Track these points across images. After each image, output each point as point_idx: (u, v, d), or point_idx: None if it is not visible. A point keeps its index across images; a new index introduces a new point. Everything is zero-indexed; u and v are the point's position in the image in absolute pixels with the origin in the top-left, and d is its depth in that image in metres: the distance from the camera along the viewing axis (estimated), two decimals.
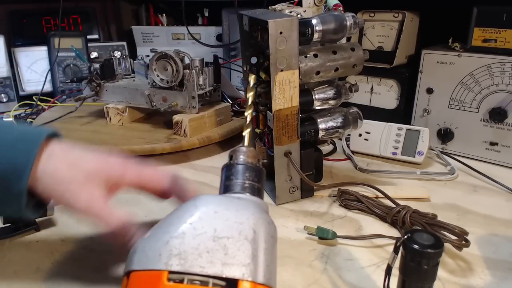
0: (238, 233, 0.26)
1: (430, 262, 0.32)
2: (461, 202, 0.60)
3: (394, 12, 0.78)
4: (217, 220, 0.26)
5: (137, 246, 0.26)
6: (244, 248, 0.26)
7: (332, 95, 0.59)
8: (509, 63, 0.66)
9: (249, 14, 0.57)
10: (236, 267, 0.25)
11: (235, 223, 0.27)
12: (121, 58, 0.90)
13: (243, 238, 0.26)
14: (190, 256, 0.24)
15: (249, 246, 0.26)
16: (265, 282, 0.25)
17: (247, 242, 0.26)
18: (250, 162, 0.33)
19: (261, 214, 0.28)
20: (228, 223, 0.26)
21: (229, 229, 0.26)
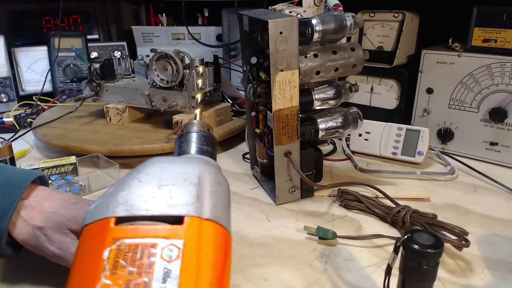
0: (183, 180, 0.27)
1: (430, 262, 0.32)
2: (461, 202, 0.60)
3: (394, 12, 0.78)
4: (162, 173, 0.27)
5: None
6: (189, 191, 0.26)
7: (332, 95, 0.59)
8: (509, 63, 0.66)
9: (249, 14, 0.57)
10: (181, 206, 0.25)
11: (180, 173, 0.27)
12: (121, 58, 0.90)
13: (188, 183, 0.26)
14: (136, 202, 0.25)
15: (194, 188, 0.26)
16: (212, 218, 0.25)
17: (192, 186, 0.26)
18: (199, 130, 0.34)
19: (208, 166, 0.29)
20: (173, 174, 0.27)
21: (174, 178, 0.26)
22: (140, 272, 0.22)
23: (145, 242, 0.23)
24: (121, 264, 0.22)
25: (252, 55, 0.58)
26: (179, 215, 0.24)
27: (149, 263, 0.22)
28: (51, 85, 1.12)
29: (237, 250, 0.49)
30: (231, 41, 1.15)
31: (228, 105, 0.85)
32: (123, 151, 0.72)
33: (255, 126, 0.64)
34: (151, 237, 0.23)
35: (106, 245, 0.23)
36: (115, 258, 0.22)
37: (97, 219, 0.25)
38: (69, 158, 0.67)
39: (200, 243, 0.24)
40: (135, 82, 0.87)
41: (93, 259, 0.23)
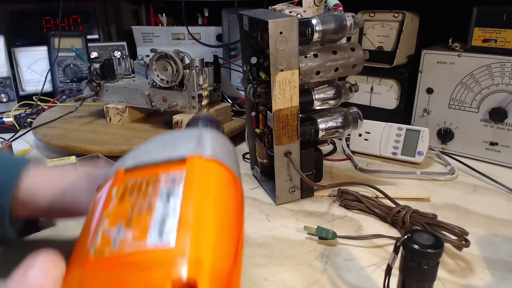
0: (187, 136, 0.28)
1: (430, 262, 0.32)
2: (461, 202, 0.60)
3: (394, 12, 0.78)
4: (167, 136, 0.28)
5: None
6: (190, 140, 0.27)
7: (332, 95, 0.59)
8: (509, 63, 0.66)
9: (249, 14, 0.57)
10: (183, 150, 0.26)
11: (183, 134, 0.28)
12: (121, 58, 0.90)
13: (189, 137, 0.27)
14: (142, 155, 0.26)
15: (195, 139, 0.27)
16: (215, 157, 0.26)
17: (194, 137, 0.27)
18: (205, 115, 0.36)
19: (211, 129, 0.30)
20: (177, 134, 0.28)
21: (177, 137, 0.28)
22: (145, 196, 0.22)
23: (149, 178, 0.24)
24: (128, 195, 0.23)
25: (252, 55, 0.58)
26: (181, 157, 0.25)
27: (154, 190, 0.23)
28: (51, 85, 1.12)
29: None
30: (231, 41, 1.15)
31: (228, 105, 0.85)
32: (123, 151, 0.72)
33: (255, 126, 0.64)
34: (155, 175, 0.24)
35: (115, 186, 0.24)
36: (122, 192, 0.23)
37: (108, 176, 0.26)
38: (69, 158, 0.67)
39: (203, 174, 0.24)
40: (135, 82, 0.87)
41: (105, 198, 0.24)
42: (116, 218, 0.21)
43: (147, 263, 0.19)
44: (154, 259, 0.19)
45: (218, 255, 0.20)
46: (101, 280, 0.19)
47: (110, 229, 0.21)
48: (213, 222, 0.22)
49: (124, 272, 0.19)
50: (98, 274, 0.19)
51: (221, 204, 0.24)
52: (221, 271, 0.20)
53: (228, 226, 0.23)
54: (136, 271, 0.18)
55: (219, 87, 0.85)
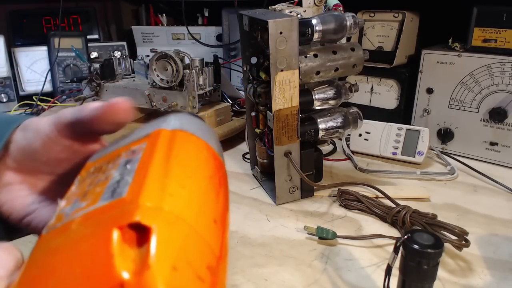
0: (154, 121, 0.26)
1: (430, 262, 0.32)
2: (461, 202, 0.60)
3: (394, 12, 0.78)
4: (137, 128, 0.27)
5: None
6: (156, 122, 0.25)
7: (332, 95, 0.59)
8: (509, 63, 0.66)
9: (249, 14, 0.57)
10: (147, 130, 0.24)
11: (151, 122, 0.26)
12: (121, 58, 0.90)
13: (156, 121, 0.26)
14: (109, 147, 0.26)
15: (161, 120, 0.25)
16: (179, 128, 0.24)
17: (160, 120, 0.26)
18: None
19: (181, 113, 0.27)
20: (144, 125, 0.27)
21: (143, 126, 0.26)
22: (104, 172, 0.21)
23: (111, 158, 0.23)
24: (88, 177, 0.22)
25: (252, 55, 0.58)
26: (145, 134, 0.23)
27: (113, 165, 0.21)
28: (51, 85, 1.12)
29: (237, 250, 0.49)
30: (231, 41, 1.15)
31: (228, 105, 0.85)
32: None
33: (255, 126, 0.64)
34: (117, 155, 0.23)
35: (78, 175, 0.23)
36: (84, 177, 0.22)
37: None
38: None
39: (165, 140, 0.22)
40: (135, 82, 0.87)
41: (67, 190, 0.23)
42: (72, 198, 0.20)
43: (94, 219, 0.17)
44: (102, 214, 0.17)
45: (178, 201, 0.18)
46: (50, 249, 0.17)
47: (65, 208, 0.19)
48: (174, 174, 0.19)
49: (73, 233, 0.17)
50: (47, 245, 0.17)
51: (182, 160, 0.21)
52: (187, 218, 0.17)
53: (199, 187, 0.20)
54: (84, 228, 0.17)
55: (219, 87, 0.85)
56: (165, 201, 0.17)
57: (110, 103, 0.27)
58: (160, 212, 0.16)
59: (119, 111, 0.27)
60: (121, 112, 0.27)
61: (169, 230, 0.16)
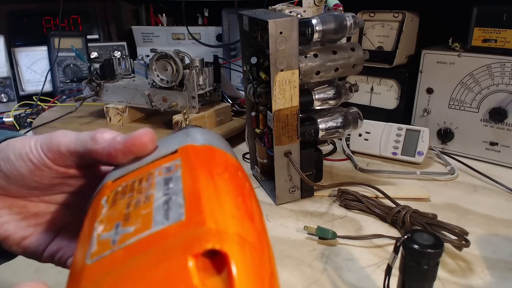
0: (174, 136, 0.25)
1: (430, 262, 0.32)
2: (461, 202, 0.60)
3: (394, 12, 0.78)
4: None
5: None
6: (179, 137, 0.25)
7: (332, 95, 0.59)
8: (509, 63, 0.66)
9: (249, 14, 0.57)
10: (173, 146, 0.23)
11: (170, 137, 0.26)
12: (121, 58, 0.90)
13: (176, 136, 0.25)
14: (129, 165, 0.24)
15: (183, 135, 0.25)
16: (207, 143, 0.23)
17: (182, 134, 0.25)
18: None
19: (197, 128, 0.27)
20: (163, 139, 0.26)
21: (164, 140, 0.25)
22: (140, 191, 0.19)
23: (142, 176, 0.21)
24: (120, 197, 0.20)
25: (252, 55, 0.58)
26: (172, 150, 0.23)
27: (148, 183, 0.20)
28: (51, 85, 1.12)
29: None
30: (231, 41, 1.15)
31: (228, 105, 0.85)
32: None
33: (255, 126, 0.64)
34: (147, 172, 0.21)
35: (103, 196, 0.21)
36: (113, 197, 0.20)
37: (95, 194, 0.23)
38: None
39: (199, 156, 0.21)
40: (135, 82, 0.87)
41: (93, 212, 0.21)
42: (111, 221, 0.18)
43: (158, 246, 0.15)
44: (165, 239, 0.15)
45: (240, 223, 0.17)
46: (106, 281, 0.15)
47: (106, 233, 0.18)
48: (225, 192, 0.19)
49: (133, 263, 0.15)
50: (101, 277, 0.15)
51: (227, 177, 0.21)
52: (248, 239, 0.17)
53: (241, 196, 0.20)
54: (147, 257, 0.15)
55: (219, 87, 0.85)
56: (229, 223, 0.16)
57: (134, 137, 0.24)
58: (228, 235, 0.16)
59: (144, 146, 0.24)
60: (145, 145, 0.24)
61: (242, 254, 0.15)
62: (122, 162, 0.25)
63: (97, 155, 0.25)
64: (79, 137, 0.26)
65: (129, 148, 0.24)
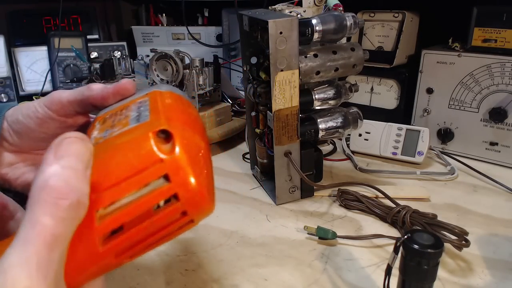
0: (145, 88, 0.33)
1: (430, 262, 0.32)
2: (461, 202, 0.60)
3: (394, 12, 0.78)
4: None
5: None
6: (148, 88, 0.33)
7: (332, 95, 0.59)
8: (509, 63, 0.66)
9: (249, 14, 0.57)
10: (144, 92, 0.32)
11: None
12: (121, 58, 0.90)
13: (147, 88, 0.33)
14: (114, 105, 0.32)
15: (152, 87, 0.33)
16: (171, 90, 0.32)
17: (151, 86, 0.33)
18: None
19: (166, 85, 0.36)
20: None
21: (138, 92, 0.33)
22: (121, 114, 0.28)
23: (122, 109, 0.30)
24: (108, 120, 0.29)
25: (252, 55, 0.58)
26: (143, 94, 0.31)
27: (126, 110, 0.29)
28: (51, 85, 1.12)
29: (237, 250, 0.49)
30: (231, 41, 1.15)
31: (228, 105, 0.85)
32: None
33: (255, 126, 0.64)
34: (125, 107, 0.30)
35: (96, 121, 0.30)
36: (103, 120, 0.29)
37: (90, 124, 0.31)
38: None
39: (164, 96, 0.30)
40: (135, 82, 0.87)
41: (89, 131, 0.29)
42: (103, 128, 0.27)
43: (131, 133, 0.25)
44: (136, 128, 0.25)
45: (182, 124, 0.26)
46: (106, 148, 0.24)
47: (100, 133, 0.27)
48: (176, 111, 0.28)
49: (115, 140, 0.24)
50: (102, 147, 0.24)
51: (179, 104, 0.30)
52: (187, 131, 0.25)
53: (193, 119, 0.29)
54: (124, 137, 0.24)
55: (219, 87, 0.85)
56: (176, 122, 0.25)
57: (120, 84, 0.32)
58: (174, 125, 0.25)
59: (128, 89, 0.32)
60: (129, 89, 0.32)
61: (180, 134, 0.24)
62: (111, 103, 0.32)
63: (93, 99, 0.32)
64: (76, 89, 0.33)
65: (117, 91, 0.32)
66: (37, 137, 0.34)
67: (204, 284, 0.43)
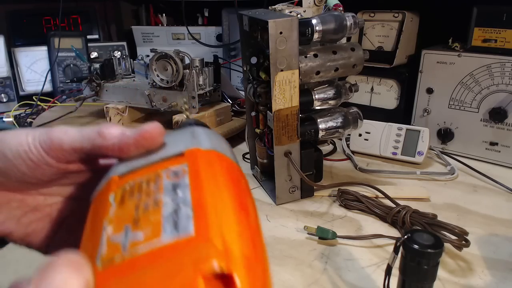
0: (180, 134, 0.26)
1: (430, 262, 0.32)
2: (461, 202, 0.60)
3: (394, 12, 0.78)
4: None
5: None
6: (185, 137, 0.25)
7: (332, 95, 0.59)
8: (509, 63, 0.66)
9: (249, 14, 0.57)
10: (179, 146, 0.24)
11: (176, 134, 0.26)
12: (121, 58, 0.90)
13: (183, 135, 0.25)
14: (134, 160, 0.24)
15: (189, 135, 0.25)
16: (213, 148, 0.24)
17: (188, 134, 0.25)
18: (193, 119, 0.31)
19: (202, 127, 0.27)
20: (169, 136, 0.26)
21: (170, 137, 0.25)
22: (148, 194, 0.20)
23: (149, 176, 0.21)
24: (128, 197, 0.20)
25: (252, 55, 0.58)
26: (178, 152, 0.23)
27: (156, 186, 0.20)
28: (51, 85, 1.12)
29: None
30: (231, 41, 1.15)
31: (228, 105, 0.85)
32: None
33: (255, 126, 0.64)
34: (154, 172, 0.22)
35: (110, 192, 0.21)
36: (121, 196, 0.21)
37: (99, 187, 0.23)
38: None
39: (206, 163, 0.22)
40: (135, 82, 0.87)
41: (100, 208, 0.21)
42: (120, 223, 0.19)
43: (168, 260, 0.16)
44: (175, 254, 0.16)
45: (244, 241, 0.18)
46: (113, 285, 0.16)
47: (116, 235, 0.18)
48: (230, 206, 0.20)
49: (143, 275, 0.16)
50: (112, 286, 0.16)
51: (231, 189, 0.21)
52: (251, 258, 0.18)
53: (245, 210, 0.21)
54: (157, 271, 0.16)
55: (219, 87, 0.85)
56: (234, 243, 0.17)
57: (144, 130, 0.24)
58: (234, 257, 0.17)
59: (155, 139, 0.24)
60: (156, 139, 0.24)
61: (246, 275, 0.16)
62: (132, 155, 0.25)
63: (107, 150, 0.25)
64: (83, 134, 0.25)
65: (140, 142, 0.24)
66: (26, 181, 0.27)
67: None
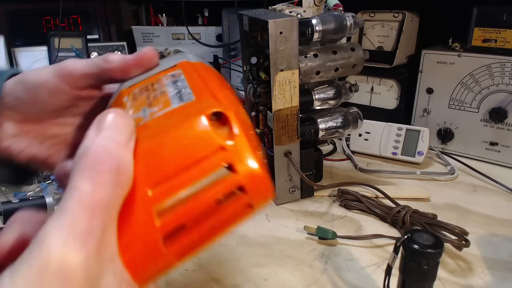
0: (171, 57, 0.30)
1: (430, 262, 0.32)
2: (461, 202, 0.60)
3: (394, 12, 0.78)
4: None
5: None
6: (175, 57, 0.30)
7: (332, 95, 0.59)
8: (509, 63, 0.66)
9: (249, 14, 0.57)
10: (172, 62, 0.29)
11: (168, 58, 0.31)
12: None
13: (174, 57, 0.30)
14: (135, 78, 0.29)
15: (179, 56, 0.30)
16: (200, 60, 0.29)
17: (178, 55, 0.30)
18: None
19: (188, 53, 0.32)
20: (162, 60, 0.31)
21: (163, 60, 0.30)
22: (154, 90, 0.25)
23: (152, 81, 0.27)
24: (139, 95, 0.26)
25: (252, 55, 0.58)
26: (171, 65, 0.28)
27: (159, 85, 0.26)
28: None
29: (237, 250, 0.49)
30: (231, 41, 1.15)
31: None
32: None
33: (255, 126, 0.64)
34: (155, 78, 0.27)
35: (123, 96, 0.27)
36: (133, 96, 0.26)
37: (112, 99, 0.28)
38: None
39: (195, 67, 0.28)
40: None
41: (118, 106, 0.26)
42: (138, 106, 0.24)
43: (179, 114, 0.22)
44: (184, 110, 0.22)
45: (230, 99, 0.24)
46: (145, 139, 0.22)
47: (136, 113, 0.24)
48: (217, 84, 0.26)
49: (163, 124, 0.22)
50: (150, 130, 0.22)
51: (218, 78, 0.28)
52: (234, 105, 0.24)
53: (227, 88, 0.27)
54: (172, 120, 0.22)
55: None
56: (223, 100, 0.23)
57: (142, 52, 0.29)
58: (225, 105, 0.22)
59: (152, 59, 0.29)
60: (153, 59, 0.29)
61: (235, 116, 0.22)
62: (133, 75, 0.29)
63: (112, 72, 0.29)
64: (91, 62, 0.30)
65: (139, 62, 0.29)
66: (46, 108, 0.31)
67: (204, 284, 0.43)
